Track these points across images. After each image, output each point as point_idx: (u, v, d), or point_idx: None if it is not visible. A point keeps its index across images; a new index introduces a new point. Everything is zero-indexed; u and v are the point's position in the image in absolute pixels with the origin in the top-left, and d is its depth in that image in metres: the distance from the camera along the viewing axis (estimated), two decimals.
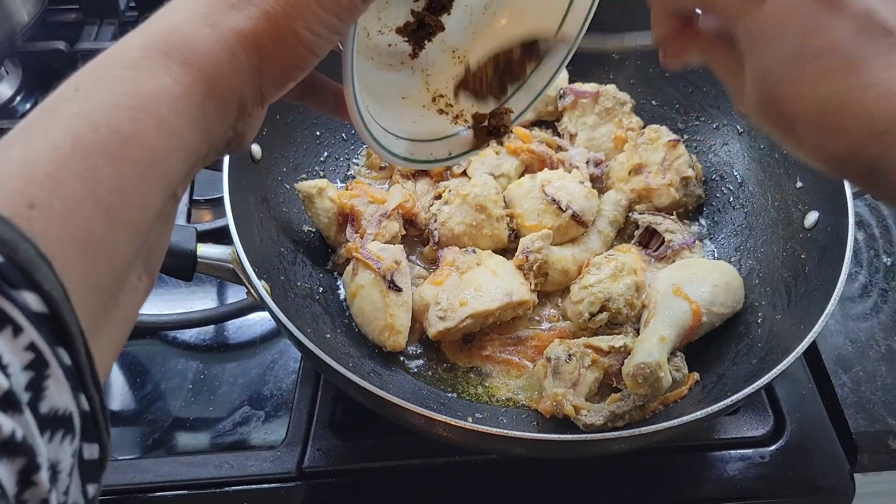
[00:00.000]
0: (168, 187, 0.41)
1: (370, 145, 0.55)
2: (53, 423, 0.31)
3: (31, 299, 0.31)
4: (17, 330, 0.30)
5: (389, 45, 0.62)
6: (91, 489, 0.35)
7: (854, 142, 0.42)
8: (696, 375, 0.89)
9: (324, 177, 1.10)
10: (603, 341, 0.87)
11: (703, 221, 1.10)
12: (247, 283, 0.83)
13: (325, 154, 1.13)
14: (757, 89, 0.46)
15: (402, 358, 0.95)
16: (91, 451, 0.35)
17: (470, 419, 0.81)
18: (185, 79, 0.41)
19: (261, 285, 0.81)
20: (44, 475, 0.30)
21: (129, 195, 0.38)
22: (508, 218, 1.02)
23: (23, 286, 0.31)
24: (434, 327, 0.92)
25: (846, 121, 0.41)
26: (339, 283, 1.01)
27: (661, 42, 0.55)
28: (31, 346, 0.31)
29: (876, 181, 0.43)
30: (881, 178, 0.42)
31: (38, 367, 0.31)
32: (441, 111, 0.64)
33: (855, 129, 0.41)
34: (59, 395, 0.32)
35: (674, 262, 1.00)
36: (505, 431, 0.73)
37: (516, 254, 0.98)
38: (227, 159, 0.89)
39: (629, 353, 0.85)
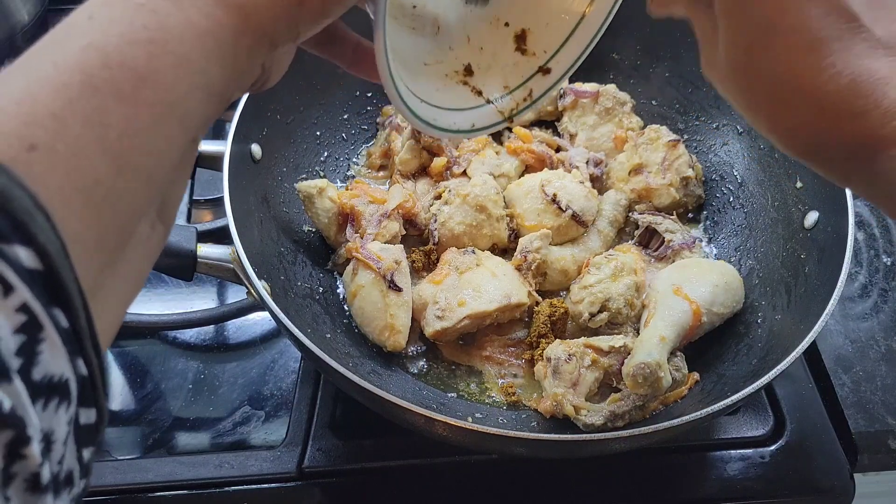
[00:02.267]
0: (187, 132, 0.38)
1: (394, 101, 0.52)
2: (47, 391, 0.29)
3: (24, 254, 0.28)
4: (8, 289, 0.27)
5: (414, 7, 0.60)
6: (87, 453, 0.33)
7: (804, 117, 0.44)
8: (695, 375, 0.89)
9: (324, 177, 1.10)
10: (603, 341, 0.87)
11: (703, 221, 1.10)
12: (247, 283, 0.83)
13: (325, 154, 1.13)
14: (726, 54, 0.48)
15: (402, 358, 0.95)
16: (88, 415, 0.32)
17: (470, 419, 0.81)
18: (216, 12, 0.38)
19: (261, 285, 0.81)
20: (35, 447, 0.28)
21: (142, 141, 0.35)
22: (508, 218, 1.02)
23: (15, 239, 0.28)
24: (431, 326, 0.92)
25: (801, 97, 0.43)
26: (339, 283, 1.02)
27: None
28: (24, 307, 0.28)
29: (817, 156, 0.46)
30: (822, 153, 0.45)
31: (30, 329, 0.28)
32: (464, 82, 0.62)
33: (807, 106, 0.43)
34: (53, 360, 0.29)
35: (674, 262, 1.00)
36: (505, 431, 0.73)
37: (515, 254, 0.98)
38: (227, 160, 0.89)
39: (629, 353, 0.85)
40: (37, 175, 0.30)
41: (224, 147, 0.90)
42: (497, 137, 1.17)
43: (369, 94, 1.18)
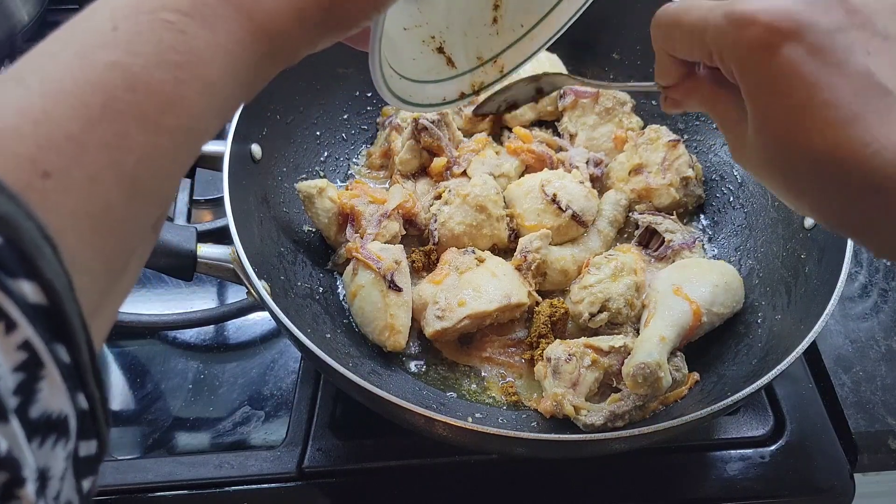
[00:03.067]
0: (199, 148, 0.37)
1: (376, 80, 0.52)
2: (45, 429, 0.28)
3: (29, 289, 0.27)
4: (11, 326, 0.27)
5: None
6: (86, 483, 0.32)
7: (852, 194, 0.43)
8: (695, 375, 0.89)
9: (324, 177, 1.10)
10: (603, 341, 0.87)
11: (703, 221, 1.10)
12: (247, 283, 0.83)
13: (325, 154, 1.13)
14: (760, 138, 0.47)
15: (402, 358, 0.95)
16: (88, 447, 0.31)
17: (470, 419, 0.81)
18: (244, 36, 0.37)
19: (261, 285, 0.81)
20: (29, 488, 0.27)
21: (160, 167, 0.33)
22: (508, 218, 1.02)
23: (21, 273, 0.27)
24: (431, 326, 0.92)
25: (845, 173, 0.42)
26: (339, 283, 1.01)
27: (665, 89, 0.57)
28: (25, 345, 0.27)
29: (871, 234, 0.45)
30: (875, 230, 0.44)
31: (30, 367, 0.28)
32: (439, 49, 0.62)
33: (853, 182, 0.42)
34: (53, 397, 0.28)
35: (674, 262, 1.00)
36: (505, 431, 0.73)
37: (514, 254, 0.98)
38: (227, 160, 0.89)
39: (629, 353, 0.85)
40: (49, 204, 0.29)
41: (224, 147, 0.90)
42: (497, 137, 1.17)
43: (369, 94, 1.18)
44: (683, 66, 0.54)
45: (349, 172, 1.15)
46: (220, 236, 0.94)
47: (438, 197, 1.04)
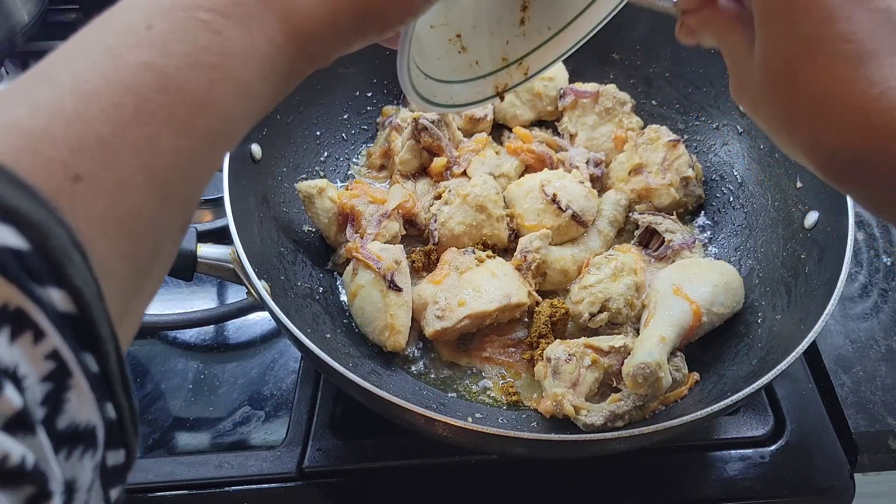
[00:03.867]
0: (227, 151, 0.37)
1: (402, 81, 0.51)
2: (72, 440, 0.27)
3: (58, 297, 0.27)
4: (39, 335, 0.26)
5: None
6: (114, 493, 0.31)
7: (850, 133, 0.41)
8: (696, 375, 0.89)
9: (324, 177, 1.10)
10: (603, 341, 0.87)
11: (703, 221, 1.10)
12: (247, 283, 0.83)
13: (325, 154, 1.13)
14: (764, 68, 0.45)
15: (402, 358, 0.95)
16: (116, 457, 0.30)
17: (470, 419, 0.81)
18: (279, 38, 0.36)
19: (261, 285, 0.81)
20: (56, 501, 0.26)
21: (190, 170, 0.33)
22: (508, 218, 1.02)
23: (49, 281, 0.26)
24: (431, 326, 0.92)
25: (847, 110, 0.41)
26: (339, 283, 1.01)
27: (684, 11, 0.54)
28: (53, 355, 0.26)
29: (859, 180, 0.43)
30: (866, 177, 0.42)
31: (58, 377, 0.27)
32: (465, 49, 0.61)
33: (853, 120, 0.41)
34: (80, 408, 0.27)
35: (674, 262, 1.00)
36: (505, 431, 0.73)
37: (514, 253, 0.98)
38: (227, 160, 0.89)
39: (629, 353, 0.85)
40: (79, 209, 0.28)
41: None
42: (497, 137, 1.17)
43: (369, 94, 1.18)
44: None
45: (349, 172, 1.15)
46: (220, 236, 0.94)
47: (438, 197, 1.04)
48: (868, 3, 0.41)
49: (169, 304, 1.08)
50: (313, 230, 1.04)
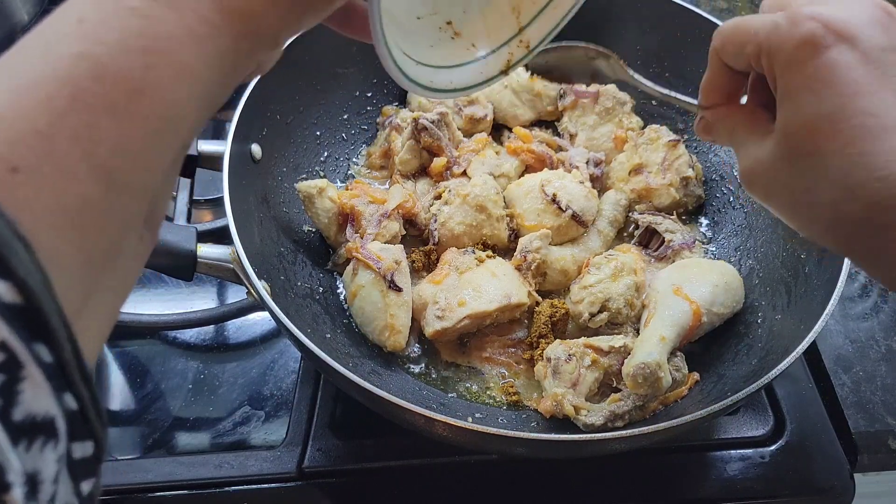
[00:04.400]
0: (181, 140, 0.36)
1: (388, 68, 0.49)
2: (30, 432, 0.27)
3: (3, 289, 0.27)
4: None
5: None
6: (86, 485, 0.31)
7: (872, 203, 0.42)
8: (696, 375, 0.89)
9: (324, 177, 1.10)
10: (603, 341, 0.87)
11: (703, 221, 1.10)
12: (247, 283, 0.83)
13: (325, 154, 1.13)
14: (786, 142, 0.46)
15: (402, 358, 0.95)
16: (84, 448, 0.30)
17: (470, 419, 0.81)
18: (214, 17, 0.35)
19: (261, 285, 0.81)
20: (17, 492, 0.26)
21: (136, 156, 0.33)
22: (508, 218, 1.02)
23: None
24: (431, 326, 0.92)
25: (870, 180, 0.42)
26: (339, 283, 1.01)
27: (704, 109, 0.57)
28: (1, 346, 0.26)
29: (881, 249, 0.44)
30: (885, 250, 0.43)
31: (9, 369, 0.26)
32: (458, 34, 0.59)
33: (876, 192, 0.42)
34: (36, 399, 0.27)
35: (674, 262, 1.00)
36: (505, 431, 0.73)
37: (515, 253, 0.98)
38: (227, 160, 0.89)
39: (629, 353, 0.85)
40: (19, 200, 0.28)
41: (224, 147, 0.90)
42: (497, 138, 1.17)
43: (369, 94, 1.18)
44: (730, 85, 0.55)
45: (349, 172, 1.15)
46: (220, 236, 0.94)
47: (438, 197, 1.04)
48: (892, 79, 0.43)
49: (169, 304, 1.08)
50: (313, 230, 1.04)
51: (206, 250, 0.87)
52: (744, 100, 0.56)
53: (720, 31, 0.53)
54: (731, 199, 1.09)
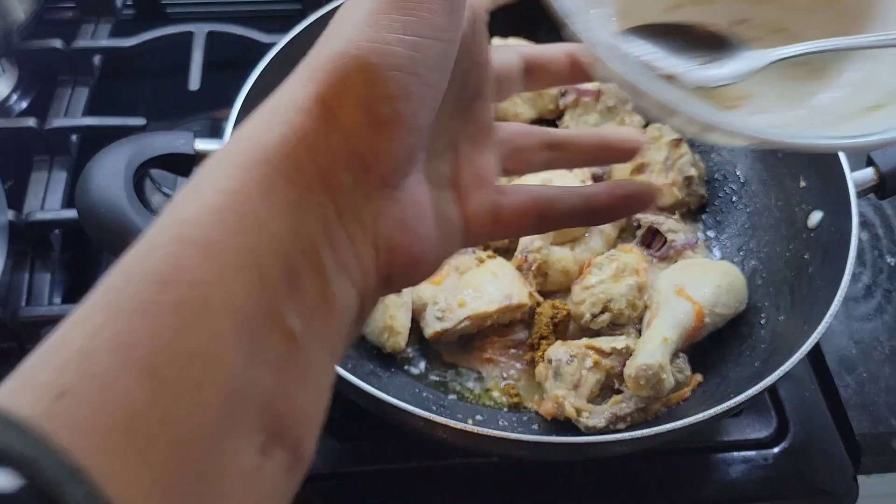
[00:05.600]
0: (243, 326, 0.31)
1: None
2: None
3: None
4: None
5: None
6: None
7: None
8: (698, 377, 0.88)
9: None
10: (605, 342, 0.86)
11: (705, 221, 1.10)
12: None
13: None
14: None
15: (401, 359, 0.94)
16: None
17: (470, 421, 0.81)
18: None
19: None
20: None
21: (175, 346, 0.28)
22: None
23: None
24: (431, 327, 0.91)
25: None
26: None
27: None
28: None
29: None
30: None
31: None
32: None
33: None
34: None
35: (676, 262, 1.00)
36: (506, 434, 0.73)
37: (515, 253, 0.97)
38: None
39: (631, 355, 0.84)
40: (64, 425, 0.25)
41: (221, 146, 0.89)
42: None
43: None
44: None
45: None
46: None
47: None
48: None
49: None
50: None
51: None
52: None
53: None
54: (734, 199, 1.08)
